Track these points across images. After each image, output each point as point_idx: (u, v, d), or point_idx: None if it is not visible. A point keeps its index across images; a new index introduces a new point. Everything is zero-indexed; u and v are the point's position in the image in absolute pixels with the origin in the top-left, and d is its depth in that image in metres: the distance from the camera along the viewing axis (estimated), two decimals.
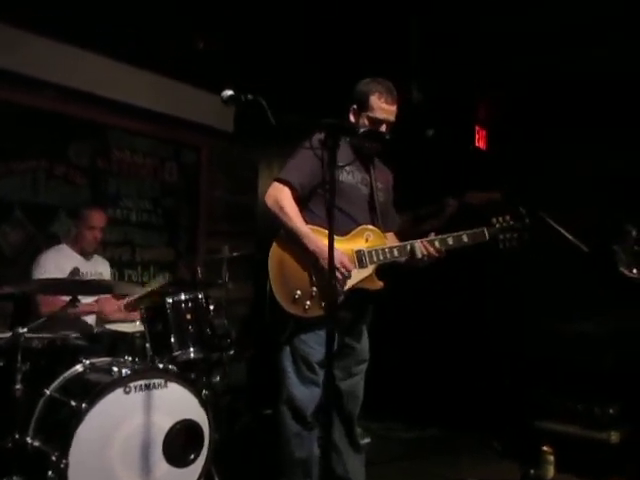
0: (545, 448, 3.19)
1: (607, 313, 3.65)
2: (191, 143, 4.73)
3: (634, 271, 2.91)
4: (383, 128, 2.43)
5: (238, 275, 3.84)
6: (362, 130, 1.82)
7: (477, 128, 4.68)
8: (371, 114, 2.40)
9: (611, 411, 3.30)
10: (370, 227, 2.42)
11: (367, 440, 3.82)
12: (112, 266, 3.88)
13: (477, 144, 4.63)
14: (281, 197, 2.32)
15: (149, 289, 3.34)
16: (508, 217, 2.49)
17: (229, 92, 1.90)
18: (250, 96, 1.91)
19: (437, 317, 4.53)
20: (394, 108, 2.44)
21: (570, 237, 2.89)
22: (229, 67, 4.39)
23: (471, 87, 4.47)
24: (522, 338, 4.06)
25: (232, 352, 3.63)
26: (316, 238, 2.25)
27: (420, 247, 2.35)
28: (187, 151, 4.71)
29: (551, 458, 3.17)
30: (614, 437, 3.22)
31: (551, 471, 3.16)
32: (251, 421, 3.70)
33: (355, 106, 2.47)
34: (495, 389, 3.90)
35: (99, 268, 3.49)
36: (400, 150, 4.33)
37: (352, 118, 2.48)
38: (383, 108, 2.40)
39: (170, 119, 4.46)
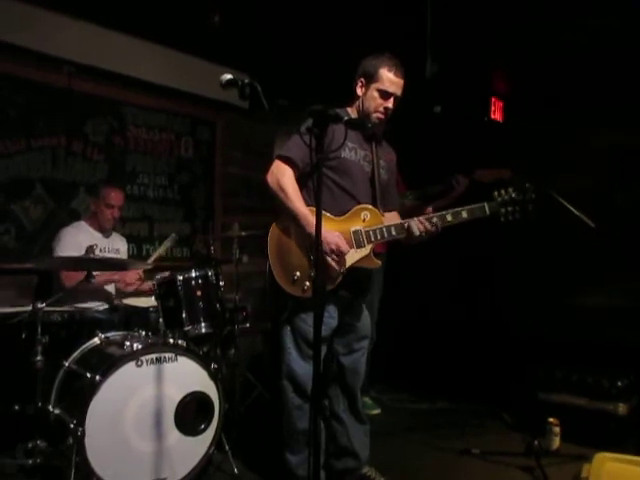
0: (551, 419, 3.22)
1: (618, 287, 3.64)
2: (206, 119, 4.75)
3: None
4: (390, 101, 2.43)
5: (256, 249, 3.91)
6: (346, 118, 1.84)
7: (493, 99, 4.59)
8: (380, 86, 2.41)
9: (620, 383, 3.31)
10: (367, 206, 2.43)
11: (377, 411, 3.93)
12: (131, 241, 4.00)
13: (493, 116, 4.55)
14: (282, 176, 2.35)
15: (159, 253, 3.55)
16: (511, 189, 2.47)
17: (227, 76, 1.96)
18: (247, 80, 1.96)
19: (448, 291, 4.56)
20: (402, 82, 2.45)
21: (578, 213, 2.88)
22: (245, 42, 4.38)
23: (488, 58, 4.37)
24: (535, 312, 4.07)
25: (248, 325, 3.76)
26: (314, 221, 2.28)
27: (417, 224, 2.35)
28: (202, 127, 4.74)
29: (557, 429, 3.19)
30: (622, 409, 3.24)
31: (556, 442, 3.18)
32: (264, 392, 3.82)
33: (363, 78, 2.48)
34: (505, 362, 3.94)
35: (116, 245, 3.60)
36: (412, 126, 4.32)
37: (359, 91, 2.49)
38: (392, 80, 2.41)
39: (185, 95, 4.48)
